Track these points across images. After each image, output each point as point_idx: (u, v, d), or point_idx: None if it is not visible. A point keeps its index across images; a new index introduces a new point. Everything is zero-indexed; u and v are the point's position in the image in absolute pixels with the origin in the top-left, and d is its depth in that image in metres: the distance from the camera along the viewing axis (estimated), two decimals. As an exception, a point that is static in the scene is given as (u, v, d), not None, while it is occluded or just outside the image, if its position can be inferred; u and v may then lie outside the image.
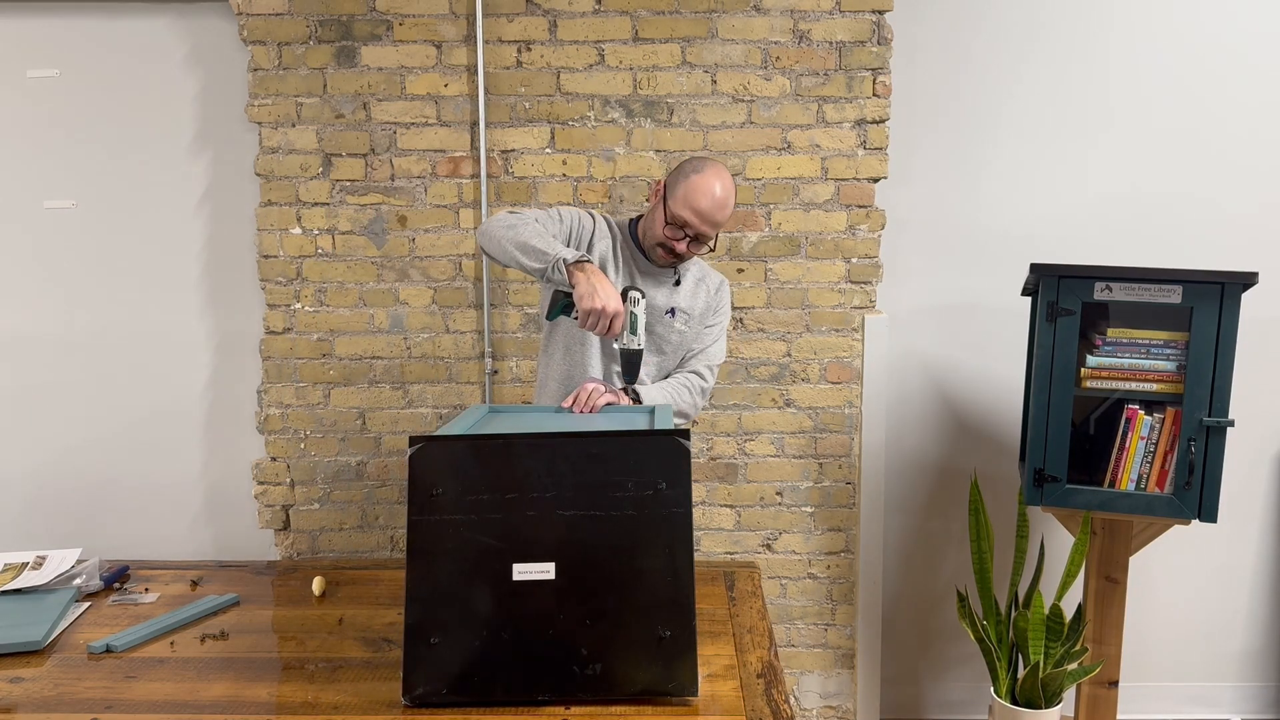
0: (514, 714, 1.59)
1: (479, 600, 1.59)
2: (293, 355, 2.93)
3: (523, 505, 1.61)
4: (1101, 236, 2.94)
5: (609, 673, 1.59)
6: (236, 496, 3.03)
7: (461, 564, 1.60)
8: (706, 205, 2.08)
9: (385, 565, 2.29)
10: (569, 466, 1.61)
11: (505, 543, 1.60)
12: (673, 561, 1.60)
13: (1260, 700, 3.13)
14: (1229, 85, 2.87)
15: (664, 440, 1.62)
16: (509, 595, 1.59)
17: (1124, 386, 2.44)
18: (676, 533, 1.60)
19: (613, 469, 1.61)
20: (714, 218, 2.09)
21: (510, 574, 1.59)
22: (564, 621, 1.58)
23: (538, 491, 1.61)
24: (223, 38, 2.85)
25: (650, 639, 1.59)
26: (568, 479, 1.61)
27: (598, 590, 1.59)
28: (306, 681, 1.72)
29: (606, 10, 2.79)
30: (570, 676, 1.59)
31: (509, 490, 1.61)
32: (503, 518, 1.60)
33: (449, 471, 1.61)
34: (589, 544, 1.60)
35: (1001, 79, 2.89)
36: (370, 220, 2.87)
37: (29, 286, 2.96)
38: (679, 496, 1.61)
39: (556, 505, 1.61)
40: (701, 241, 2.14)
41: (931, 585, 3.12)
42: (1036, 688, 2.52)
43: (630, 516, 1.61)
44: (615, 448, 1.63)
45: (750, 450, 2.96)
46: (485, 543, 1.60)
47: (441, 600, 1.59)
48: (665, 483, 1.61)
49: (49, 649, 1.85)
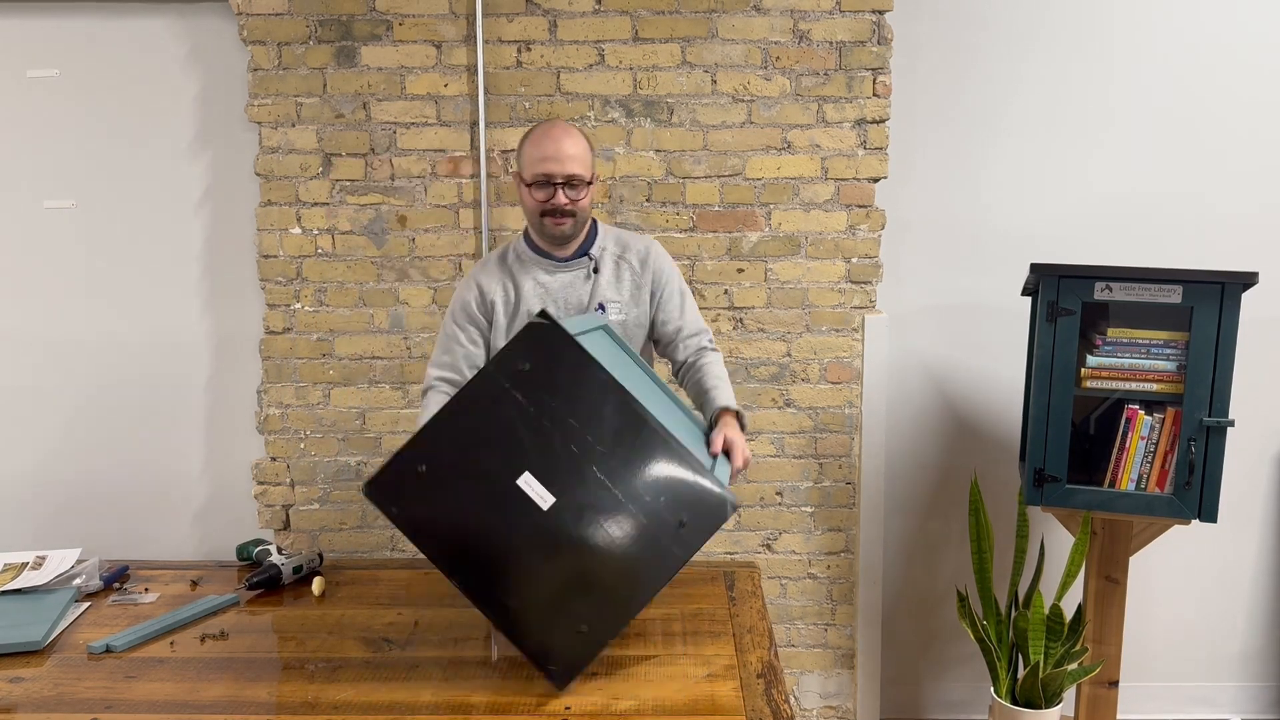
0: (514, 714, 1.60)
1: (479, 470, 1.64)
2: (293, 355, 2.93)
3: (574, 436, 1.64)
4: (1101, 236, 2.94)
5: (521, 618, 1.65)
6: (236, 496, 3.03)
7: (489, 434, 1.64)
8: (551, 148, 2.02)
9: (385, 565, 2.29)
10: (639, 446, 1.65)
11: (536, 450, 1.64)
12: (634, 584, 1.64)
13: (1260, 700, 3.13)
14: (1229, 85, 2.87)
15: (714, 497, 1.66)
16: (503, 490, 1.64)
17: (1124, 386, 2.44)
18: (659, 567, 1.64)
19: (658, 478, 1.65)
20: (564, 152, 2.02)
21: (517, 475, 1.64)
22: (524, 549, 1.64)
23: (598, 443, 1.64)
24: (223, 38, 2.85)
25: (569, 624, 1.65)
26: (627, 456, 1.64)
27: (570, 552, 1.64)
28: (306, 681, 1.72)
29: (606, 10, 2.79)
30: (491, 592, 1.65)
31: (576, 418, 1.64)
32: (552, 430, 1.64)
33: (549, 362, 1.65)
34: (593, 512, 1.64)
35: (1002, 79, 2.89)
36: (370, 220, 2.87)
37: (29, 286, 2.96)
38: (688, 543, 1.65)
39: (599, 464, 1.64)
40: (574, 185, 2.04)
41: (931, 585, 3.12)
42: (1036, 688, 2.52)
43: (641, 524, 1.64)
44: (680, 469, 1.66)
45: (750, 450, 2.96)
46: (521, 437, 1.64)
47: (452, 445, 1.65)
48: (687, 523, 1.65)
49: (49, 649, 1.85)
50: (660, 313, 2.18)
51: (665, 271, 2.19)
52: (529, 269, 2.15)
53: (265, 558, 2.21)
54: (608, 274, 2.15)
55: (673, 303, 2.18)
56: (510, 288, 2.14)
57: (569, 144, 2.04)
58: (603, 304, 2.14)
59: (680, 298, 2.20)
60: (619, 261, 2.17)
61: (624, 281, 2.16)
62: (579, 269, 2.14)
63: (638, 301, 2.16)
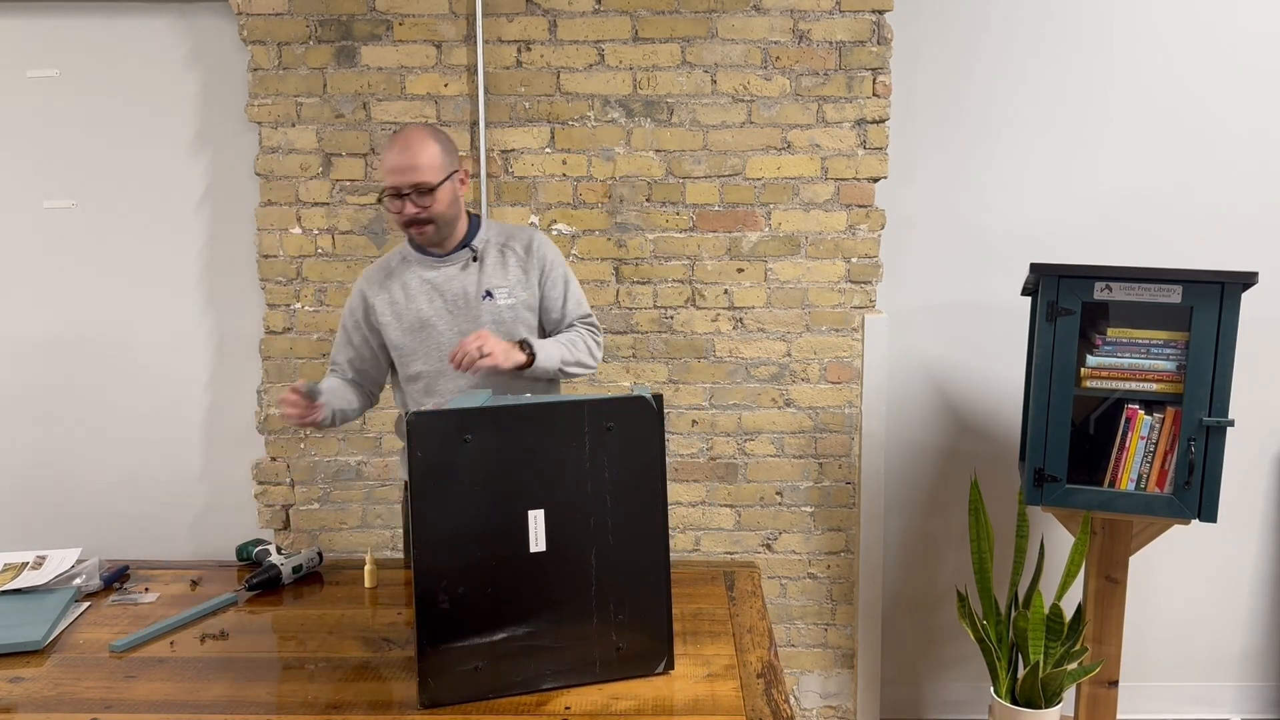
0: (514, 714, 1.60)
1: (510, 475, 1.66)
2: (293, 355, 2.93)
3: (599, 513, 1.69)
4: (1101, 236, 2.94)
5: (445, 619, 1.63)
6: (236, 496, 3.03)
7: (540, 451, 1.67)
8: (395, 159, 2.05)
9: (385, 565, 2.29)
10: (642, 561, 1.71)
11: (566, 497, 1.68)
12: (546, 664, 1.69)
13: (1260, 700, 3.13)
14: (1229, 85, 2.87)
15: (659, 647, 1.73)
16: (513, 508, 1.66)
17: (1124, 386, 2.44)
18: (576, 668, 1.70)
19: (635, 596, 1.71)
20: (405, 163, 2.04)
21: (534, 505, 1.66)
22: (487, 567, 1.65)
23: (610, 534, 1.70)
24: (223, 38, 2.85)
25: (473, 655, 1.64)
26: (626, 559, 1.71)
27: (520, 601, 1.66)
28: (306, 681, 1.72)
29: (606, 10, 2.79)
30: (438, 585, 1.63)
31: (617, 499, 1.70)
32: (589, 496, 1.69)
33: (631, 430, 1.72)
34: (562, 583, 1.68)
35: (1001, 79, 2.89)
36: (370, 220, 2.87)
37: (29, 286, 2.96)
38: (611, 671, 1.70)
39: (598, 548, 1.69)
40: (423, 192, 2.06)
41: (931, 585, 3.12)
42: (1036, 688, 2.52)
43: (590, 624, 1.70)
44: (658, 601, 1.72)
45: (750, 450, 2.96)
46: (565, 474, 1.68)
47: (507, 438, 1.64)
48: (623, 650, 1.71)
49: (49, 649, 1.85)
50: (545, 300, 2.24)
51: (549, 259, 2.24)
52: (413, 268, 2.22)
53: (265, 558, 2.21)
54: (492, 262, 2.20)
55: (556, 290, 2.24)
56: (397, 289, 2.21)
57: (412, 153, 2.06)
58: (490, 290, 2.18)
59: (564, 285, 2.26)
60: (503, 250, 2.22)
61: (510, 267, 2.21)
62: (459, 262, 2.20)
63: (525, 286, 2.21)
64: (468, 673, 1.62)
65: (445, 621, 1.61)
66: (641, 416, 1.70)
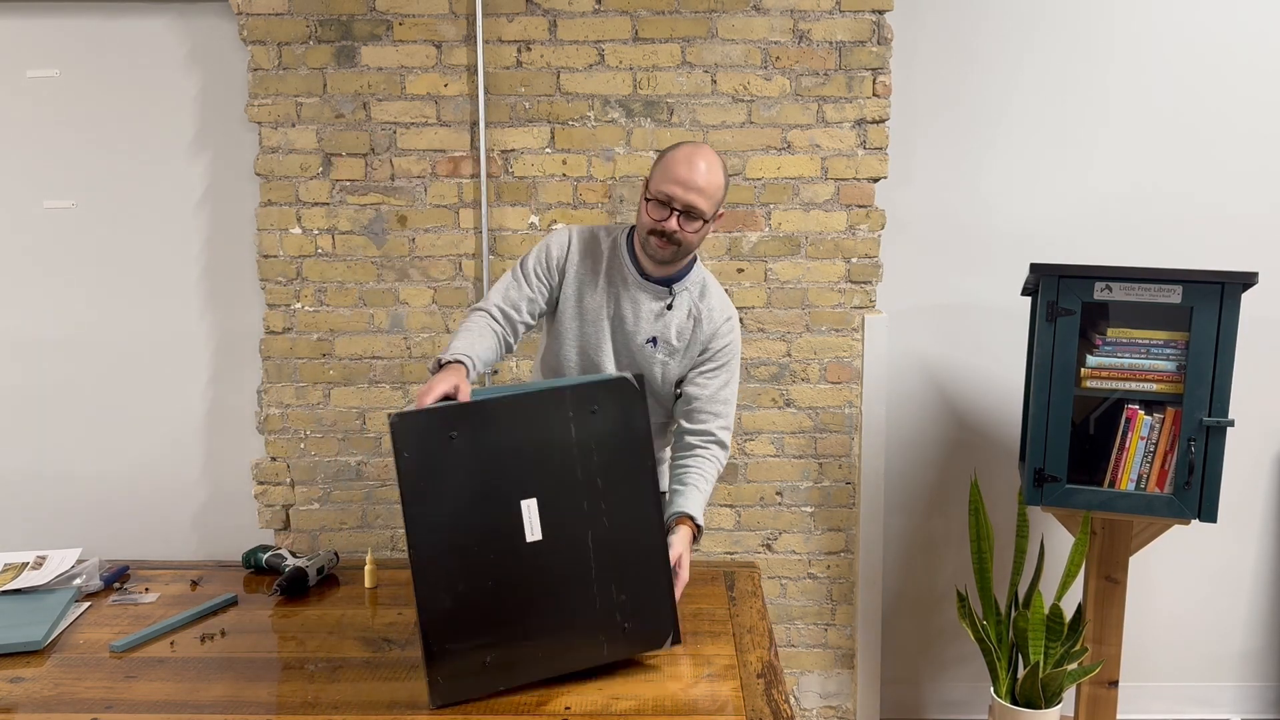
0: (514, 714, 1.60)
1: (498, 469, 1.66)
2: (293, 355, 2.93)
3: (592, 497, 1.70)
4: (1101, 236, 2.94)
5: (448, 618, 1.63)
6: (236, 496, 3.03)
7: (528, 443, 1.68)
8: (684, 172, 1.95)
9: (385, 565, 2.29)
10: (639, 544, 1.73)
11: (557, 486, 1.69)
12: (555, 652, 1.70)
13: (1260, 700, 3.13)
14: (1229, 85, 2.87)
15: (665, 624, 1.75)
16: (504, 501, 1.66)
17: (1124, 386, 2.44)
18: (584, 653, 1.71)
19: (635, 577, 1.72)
20: (695, 183, 1.94)
21: (526, 495, 1.66)
22: (487, 562, 1.66)
23: (604, 516, 1.71)
24: (223, 38, 2.85)
25: (479, 650, 1.65)
26: (624, 543, 1.72)
27: (522, 589, 1.67)
28: (306, 681, 1.72)
29: (606, 10, 2.79)
30: (439, 582, 1.63)
31: (607, 482, 1.71)
32: (581, 481, 1.70)
33: (618, 414, 1.74)
34: (563, 572, 1.69)
35: (1001, 79, 2.89)
36: (370, 220, 2.87)
37: (29, 286, 2.96)
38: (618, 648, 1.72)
39: (595, 532, 1.71)
40: (692, 217, 1.96)
41: (931, 585, 3.12)
42: (1036, 688, 2.52)
43: (594, 607, 1.70)
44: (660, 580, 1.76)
45: (750, 450, 2.96)
46: (553, 465, 1.69)
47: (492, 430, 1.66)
48: (630, 630, 1.72)
49: (49, 649, 1.85)
50: (700, 375, 2.10)
51: (728, 348, 2.12)
52: (619, 266, 2.10)
53: (279, 562, 2.18)
54: (678, 317, 2.08)
55: (719, 379, 2.11)
56: (592, 267, 2.10)
57: (703, 177, 1.96)
58: (656, 339, 2.08)
59: (728, 378, 2.12)
60: (693, 317, 2.09)
61: (684, 332, 2.09)
62: (656, 294, 2.08)
63: (683, 357, 2.10)
64: (477, 668, 1.63)
65: (449, 620, 1.61)
66: (625, 397, 1.71)
